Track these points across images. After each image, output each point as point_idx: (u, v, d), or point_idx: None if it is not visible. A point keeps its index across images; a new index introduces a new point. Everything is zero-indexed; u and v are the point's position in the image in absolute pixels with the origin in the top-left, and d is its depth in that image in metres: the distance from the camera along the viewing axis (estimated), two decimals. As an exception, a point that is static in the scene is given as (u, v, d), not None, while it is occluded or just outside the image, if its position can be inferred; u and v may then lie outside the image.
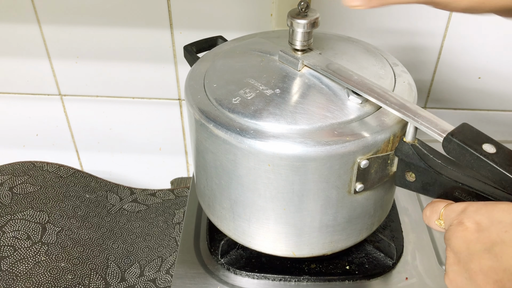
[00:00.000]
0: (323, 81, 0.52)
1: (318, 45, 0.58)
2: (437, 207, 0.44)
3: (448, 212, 0.42)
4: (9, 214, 0.79)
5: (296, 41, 0.52)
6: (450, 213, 0.42)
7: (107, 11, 0.85)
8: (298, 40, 0.52)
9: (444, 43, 0.86)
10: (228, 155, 0.49)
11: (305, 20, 0.50)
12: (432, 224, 0.44)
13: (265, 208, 0.51)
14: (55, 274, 0.72)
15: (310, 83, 0.52)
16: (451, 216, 0.41)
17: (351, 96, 0.49)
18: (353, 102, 0.49)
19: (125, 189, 0.93)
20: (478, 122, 0.96)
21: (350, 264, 0.61)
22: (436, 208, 0.44)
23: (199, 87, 0.54)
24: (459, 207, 0.41)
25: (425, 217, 0.45)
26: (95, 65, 0.93)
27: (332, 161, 0.46)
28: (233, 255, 0.63)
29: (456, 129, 0.43)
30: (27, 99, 0.99)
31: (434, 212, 0.44)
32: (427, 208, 0.45)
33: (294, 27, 0.51)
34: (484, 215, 0.38)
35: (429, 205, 0.45)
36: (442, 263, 0.62)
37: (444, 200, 0.45)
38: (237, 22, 0.85)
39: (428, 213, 0.45)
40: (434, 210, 0.44)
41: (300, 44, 0.52)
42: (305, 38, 0.52)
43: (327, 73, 0.51)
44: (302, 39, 0.52)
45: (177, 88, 0.95)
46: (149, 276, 0.76)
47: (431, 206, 0.45)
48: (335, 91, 0.51)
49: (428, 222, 0.45)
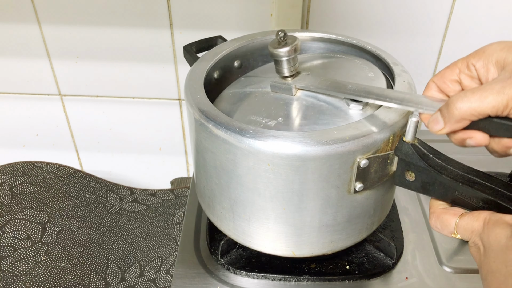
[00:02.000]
0: (320, 99, 0.53)
1: (305, 67, 0.59)
2: (448, 222, 0.43)
3: (461, 231, 0.42)
4: (9, 214, 0.79)
5: (283, 69, 0.53)
6: (464, 232, 0.41)
7: (107, 11, 0.85)
8: (285, 68, 0.53)
9: (444, 43, 0.86)
10: (227, 155, 0.49)
11: (287, 48, 0.51)
12: (447, 235, 0.44)
13: (265, 207, 0.51)
14: (55, 274, 0.72)
15: (309, 104, 0.52)
16: (466, 234, 0.41)
17: (351, 104, 0.50)
18: (355, 110, 0.50)
19: (125, 189, 0.93)
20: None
21: (350, 264, 0.61)
22: (447, 223, 0.43)
23: (199, 87, 0.54)
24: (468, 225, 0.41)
25: (436, 229, 0.45)
26: (95, 65, 0.93)
27: (331, 160, 0.46)
28: (233, 255, 0.63)
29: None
30: (27, 99, 0.99)
31: (445, 227, 0.43)
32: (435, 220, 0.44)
33: (279, 57, 0.52)
34: (484, 239, 0.39)
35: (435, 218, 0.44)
36: (442, 263, 0.62)
37: (451, 211, 0.44)
38: (237, 22, 0.85)
39: (439, 226, 0.44)
40: (445, 225, 0.43)
41: (288, 71, 0.53)
42: (291, 64, 0.53)
43: (321, 89, 0.52)
44: (289, 66, 0.53)
45: (177, 88, 0.95)
46: (149, 276, 0.76)
47: (441, 221, 0.44)
48: (334, 104, 0.52)
49: (441, 233, 0.44)
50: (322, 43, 0.66)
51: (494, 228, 0.38)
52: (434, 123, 0.42)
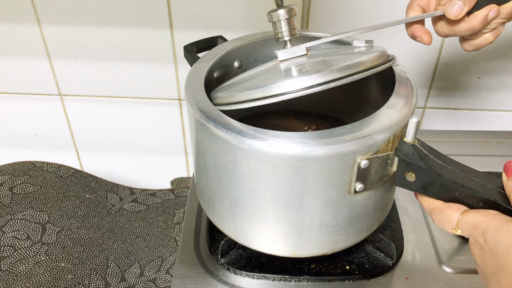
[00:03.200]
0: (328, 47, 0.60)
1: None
2: (451, 216, 0.43)
3: (464, 226, 0.42)
4: (9, 214, 0.79)
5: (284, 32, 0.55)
6: (467, 227, 0.42)
7: (107, 11, 0.85)
8: (286, 30, 0.55)
9: (444, 43, 0.86)
10: (228, 155, 0.49)
11: (285, 9, 0.55)
12: (447, 230, 0.44)
13: (265, 208, 0.51)
14: (55, 274, 0.72)
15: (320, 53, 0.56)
16: (468, 230, 0.41)
17: (354, 42, 0.56)
18: (359, 45, 0.56)
19: (125, 189, 0.93)
20: (478, 122, 0.96)
21: (350, 264, 0.61)
22: (450, 217, 0.43)
23: (199, 87, 0.54)
24: (473, 220, 0.41)
25: (437, 223, 0.45)
26: (95, 65, 0.93)
27: (332, 161, 0.46)
28: (233, 255, 0.63)
29: None
30: (27, 99, 0.99)
31: (448, 221, 0.44)
32: (438, 214, 0.45)
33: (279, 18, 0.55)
34: (491, 234, 0.38)
35: (438, 212, 0.45)
36: (442, 263, 0.62)
37: (454, 206, 0.44)
38: (237, 22, 0.85)
39: (442, 220, 0.44)
40: (448, 219, 0.44)
41: (288, 33, 0.55)
42: (291, 27, 0.55)
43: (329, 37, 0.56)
44: (289, 28, 0.55)
45: (177, 88, 0.95)
46: (149, 276, 0.76)
47: (444, 215, 0.44)
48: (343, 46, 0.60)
49: (442, 227, 0.45)
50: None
51: (507, 224, 0.38)
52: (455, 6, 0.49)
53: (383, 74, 0.60)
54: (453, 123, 0.97)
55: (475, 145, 0.82)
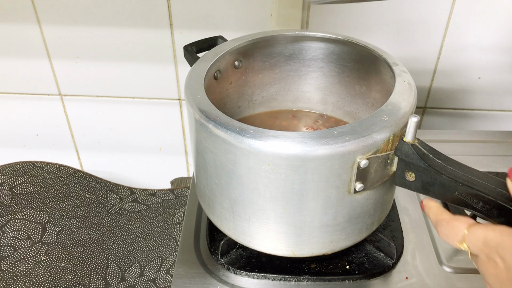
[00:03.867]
0: None
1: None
2: (457, 229, 0.42)
3: (473, 241, 0.40)
4: (9, 214, 0.79)
5: None
6: (476, 242, 0.40)
7: (107, 11, 0.85)
8: None
9: (444, 43, 0.86)
10: (228, 155, 0.49)
11: None
12: (452, 243, 0.43)
13: (265, 207, 0.51)
14: (55, 274, 0.72)
15: None
16: (477, 245, 0.40)
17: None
18: None
19: (125, 189, 0.93)
20: (478, 122, 0.96)
21: (350, 264, 0.61)
22: (456, 230, 0.42)
23: (199, 87, 0.54)
24: (481, 235, 0.39)
25: (442, 236, 0.44)
26: (95, 65, 0.93)
27: (331, 160, 0.46)
28: (233, 255, 0.63)
29: None
30: (27, 99, 0.99)
31: (455, 234, 0.42)
32: (444, 227, 0.43)
33: None
34: (507, 250, 0.37)
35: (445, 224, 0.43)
36: (442, 263, 0.62)
37: (461, 219, 0.42)
38: (237, 22, 0.85)
39: (446, 232, 0.43)
40: (454, 232, 0.42)
41: None
42: None
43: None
44: None
45: (177, 88, 0.95)
46: (149, 276, 0.76)
47: (451, 227, 0.43)
48: None
49: (447, 240, 0.43)
50: (322, 43, 0.66)
51: None
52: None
53: (383, 74, 0.60)
54: (453, 123, 0.97)
55: (475, 145, 0.82)
